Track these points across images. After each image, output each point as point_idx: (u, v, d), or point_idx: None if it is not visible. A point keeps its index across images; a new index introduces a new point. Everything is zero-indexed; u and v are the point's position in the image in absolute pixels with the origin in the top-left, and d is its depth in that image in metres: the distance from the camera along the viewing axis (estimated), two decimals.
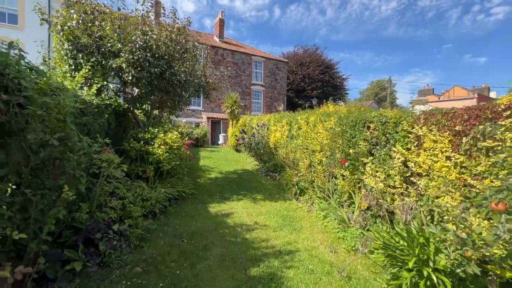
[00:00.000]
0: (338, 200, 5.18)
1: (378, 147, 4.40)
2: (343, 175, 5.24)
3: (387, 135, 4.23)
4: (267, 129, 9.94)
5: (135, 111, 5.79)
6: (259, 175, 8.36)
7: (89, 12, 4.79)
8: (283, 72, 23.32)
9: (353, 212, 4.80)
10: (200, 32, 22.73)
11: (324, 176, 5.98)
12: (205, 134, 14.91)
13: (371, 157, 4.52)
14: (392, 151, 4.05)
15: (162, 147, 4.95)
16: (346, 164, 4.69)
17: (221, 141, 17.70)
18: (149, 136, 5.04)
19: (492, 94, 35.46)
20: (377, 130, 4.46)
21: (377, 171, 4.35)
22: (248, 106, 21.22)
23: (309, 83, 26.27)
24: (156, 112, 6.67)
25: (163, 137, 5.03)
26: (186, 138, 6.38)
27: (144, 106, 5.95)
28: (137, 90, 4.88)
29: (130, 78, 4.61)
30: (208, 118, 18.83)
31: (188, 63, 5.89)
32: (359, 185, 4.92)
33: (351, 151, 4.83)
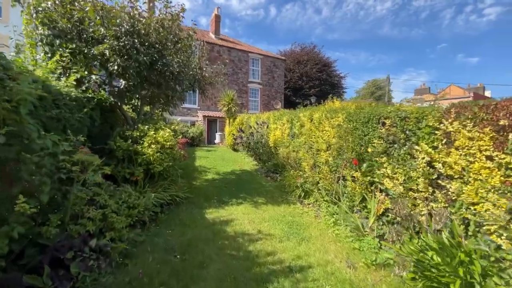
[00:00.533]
0: (348, 204, 4.69)
1: (396, 145, 3.92)
2: (353, 177, 4.75)
3: (407, 132, 3.74)
4: (267, 127, 9.42)
5: (123, 106, 5.19)
6: (258, 176, 7.83)
7: None
8: (281, 70, 22.82)
9: (367, 218, 4.32)
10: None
11: (331, 178, 5.49)
12: (201, 133, 14.32)
13: (387, 157, 4.03)
14: (414, 150, 3.56)
15: (153, 146, 4.38)
16: (365, 165, 4.17)
17: (217, 140, 17.12)
18: (138, 134, 4.46)
19: (487, 93, 35.56)
20: (394, 127, 3.97)
21: (395, 173, 3.87)
22: (245, 104, 20.66)
23: (307, 81, 25.83)
24: (147, 108, 6.09)
25: (154, 135, 4.46)
26: (180, 137, 5.81)
27: (133, 101, 5.37)
28: (123, 82, 4.30)
29: (116, 67, 4.03)
30: (204, 116, 18.22)
31: (183, 54, 5.32)
32: (372, 187, 4.44)
33: (369, 150, 4.32)
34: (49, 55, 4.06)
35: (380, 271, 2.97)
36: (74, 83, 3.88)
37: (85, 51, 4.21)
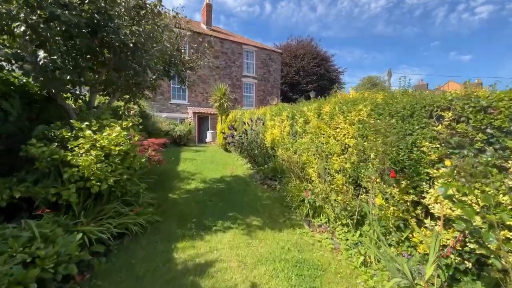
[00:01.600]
0: (379, 230, 3.27)
1: (465, 151, 2.49)
2: (385, 193, 3.34)
3: (490, 130, 2.32)
4: (263, 124, 7.95)
5: (62, 95, 3.64)
6: (253, 184, 6.37)
7: None
8: (277, 64, 21.29)
9: (411, 255, 2.91)
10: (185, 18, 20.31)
11: (349, 191, 4.07)
12: (190, 131, 12.73)
13: (447, 169, 2.60)
14: (510, 161, 2.15)
15: (93, 152, 2.86)
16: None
17: (209, 138, 15.59)
18: (70, 135, 2.93)
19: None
20: (462, 122, 2.54)
21: (464, 194, 2.45)
22: (238, 100, 19.12)
23: (304, 76, 24.40)
24: (102, 99, 4.54)
25: (94, 137, 2.93)
26: (137, 135, 4.24)
27: (77, 89, 3.80)
28: (42, 54, 2.76)
29: (24, 28, 2.50)
30: (194, 113, 16.62)
31: (147, 23, 3.79)
32: (416, 211, 3.03)
33: (413, 156, 2.84)
34: None
35: None
36: None
37: None
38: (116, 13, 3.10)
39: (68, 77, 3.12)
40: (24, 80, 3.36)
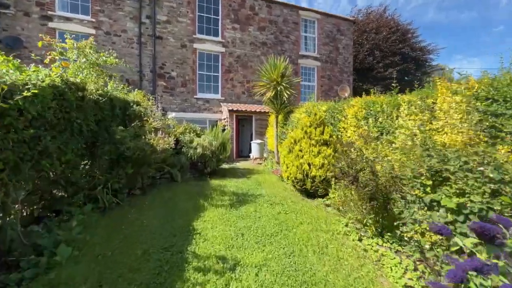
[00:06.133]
0: None
1: None
2: None
3: None
4: None
5: None
6: None
7: None
8: (348, 38, 13.91)
9: None
10: None
11: None
12: (224, 144, 6.34)
13: None
14: None
15: None
16: None
17: (254, 153, 9.09)
18: None
19: None
20: None
21: None
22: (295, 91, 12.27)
23: (381, 58, 16.51)
24: None
25: None
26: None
27: None
28: None
29: None
30: (231, 111, 10.31)
31: None
32: None
33: None
34: None
35: None
36: None
37: None
38: None
39: None
40: None
